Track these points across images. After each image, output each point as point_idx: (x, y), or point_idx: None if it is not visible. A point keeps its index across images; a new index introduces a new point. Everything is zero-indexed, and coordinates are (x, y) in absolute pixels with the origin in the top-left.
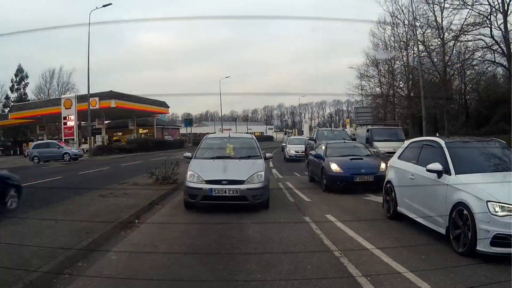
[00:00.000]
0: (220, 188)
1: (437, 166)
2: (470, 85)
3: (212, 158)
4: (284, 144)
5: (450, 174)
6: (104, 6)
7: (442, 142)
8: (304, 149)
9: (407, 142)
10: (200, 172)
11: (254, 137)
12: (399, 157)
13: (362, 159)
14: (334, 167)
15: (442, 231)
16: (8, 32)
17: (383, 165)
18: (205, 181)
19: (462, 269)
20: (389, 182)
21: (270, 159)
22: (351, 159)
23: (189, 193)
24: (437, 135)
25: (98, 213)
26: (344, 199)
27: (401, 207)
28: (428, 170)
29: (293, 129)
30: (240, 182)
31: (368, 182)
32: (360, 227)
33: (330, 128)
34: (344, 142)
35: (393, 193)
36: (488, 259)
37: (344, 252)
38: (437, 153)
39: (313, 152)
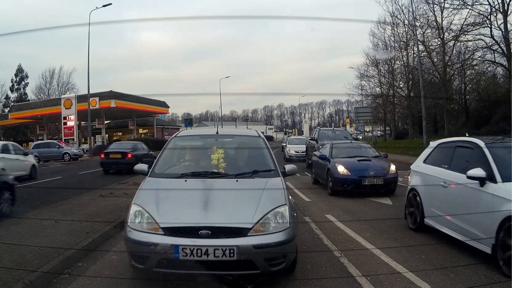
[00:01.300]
0: (196, 246)
1: (479, 172)
2: (470, 85)
3: (182, 176)
4: (284, 144)
5: (495, 182)
6: (104, 6)
7: (481, 143)
8: (304, 149)
9: (433, 143)
10: (154, 207)
11: (262, 136)
12: (424, 161)
13: (370, 160)
14: (341, 169)
15: (487, 249)
16: (8, 32)
17: (392, 167)
18: (163, 228)
19: (462, 269)
20: (413, 189)
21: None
22: (358, 160)
23: (132, 253)
24: (467, 134)
25: (98, 213)
26: (344, 200)
27: (429, 219)
28: (470, 177)
29: (293, 129)
30: (240, 231)
31: (377, 185)
32: (360, 227)
33: (331, 128)
34: (351, 142)
35: (418, 203)
36: (488, 259)
37: (344, 252)
38: (475, 157)
39: (317, 153)
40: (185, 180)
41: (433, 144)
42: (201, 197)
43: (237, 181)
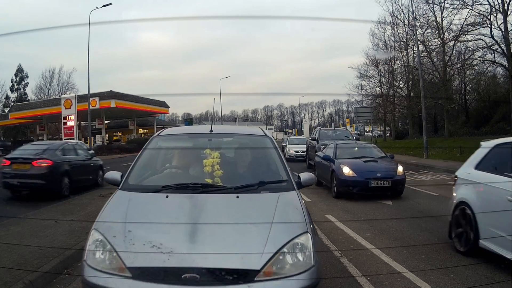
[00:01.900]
0: None
1: None
2: (470, 85)
3: (163, 189)
4: (284, 144)
5: None
6: (104, 6)
7: None
8: (305, 149)
9: (487, 144)
10: (120, 237)
11: (269, 135)
12: (476, 167)
13: (376, 161)
14: (346, 170)
15: None
16: (8, 32)
17: (400, 168)
18: (130, 269)
19: (462, 269)
20: (463, 203)
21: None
22: (364, 161)
23: None
24: None
25: (98, 213)
26: (344, 200)
27: (486, 241)
28: None
29: (293, 129)
30: (243, 275)
31: (384, 187)
32: (360, 227)
33: (332, 128)
34: (355, 142)
35: (472, 221)
36: (488, 259)
37: (344, 252)
38: None
39: (320, 154)
40: (167, 196)
41: (486, 145)
42: (187, 222)
43: (237, 197)
